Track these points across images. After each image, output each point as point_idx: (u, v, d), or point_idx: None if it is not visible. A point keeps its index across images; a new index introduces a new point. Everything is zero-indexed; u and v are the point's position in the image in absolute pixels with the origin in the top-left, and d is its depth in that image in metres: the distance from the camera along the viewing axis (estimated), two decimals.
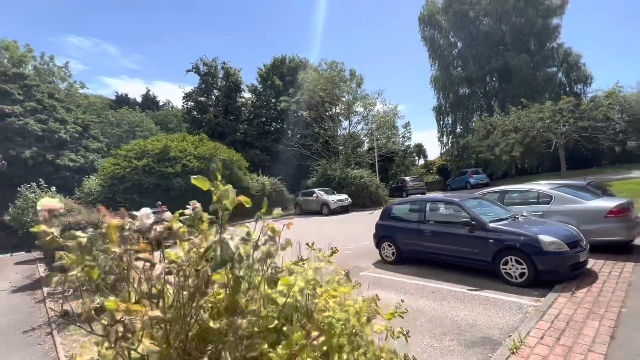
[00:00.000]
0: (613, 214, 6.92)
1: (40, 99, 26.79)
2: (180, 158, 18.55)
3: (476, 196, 7.73)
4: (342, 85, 27.97)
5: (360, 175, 23.04)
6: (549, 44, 29.79)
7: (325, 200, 21.01)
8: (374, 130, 28.68)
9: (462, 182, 28.21)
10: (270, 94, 35.79)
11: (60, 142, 26.43)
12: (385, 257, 8.08)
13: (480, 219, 6.30)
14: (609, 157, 28.71)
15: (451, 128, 33.56)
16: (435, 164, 40.03)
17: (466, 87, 31.83)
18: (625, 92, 27.09)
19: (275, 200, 24.88)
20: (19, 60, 32.03)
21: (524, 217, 6.74)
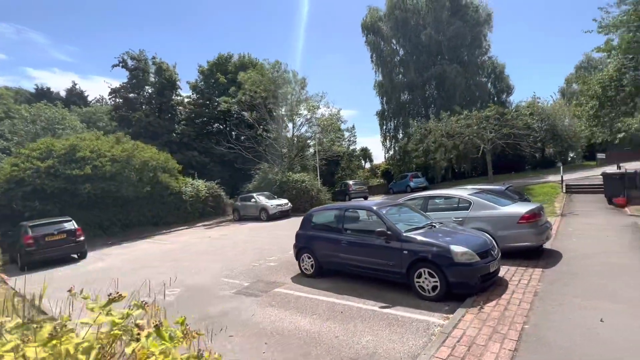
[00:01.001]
0: (525, 220, 6.96)
1: None
2: (91, 159, 16.34)
3: (397, 203, 7.40)
4: (285, 86, 27.23)
5: (302, 179, 22.43)
6: (479, 56, 31.92)
7: (263, 205, 20.03)
8: (317, 133, 28.30)
9: (402, 186, 28.90)
10: (213, 93, 33.88)
11: None
12: (305, 270, 7.42)
13: (395, 228, 5.89)
14: (531, 162, 31.37)
15: (393, 133, 34.47)
16: (380, 168, 40.90)
17: (407, 93, 32.94)
18: (543, 103, 29.85)
19: (212, 206, 23.35)
20: None
21: (441, 225, 6.48)
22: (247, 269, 8.67)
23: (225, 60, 34.65)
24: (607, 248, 7.61)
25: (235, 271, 8.55)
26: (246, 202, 21.28)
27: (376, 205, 6.62)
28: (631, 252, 7.12)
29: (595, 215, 12.16)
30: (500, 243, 7.10)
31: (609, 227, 10.01)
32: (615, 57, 18.14)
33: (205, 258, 10.69)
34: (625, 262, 6.51)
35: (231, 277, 8.00)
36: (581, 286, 5.37)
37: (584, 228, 10.01)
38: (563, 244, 8.29)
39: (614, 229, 9.60)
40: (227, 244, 13.13)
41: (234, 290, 7.01)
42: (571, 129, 28.27)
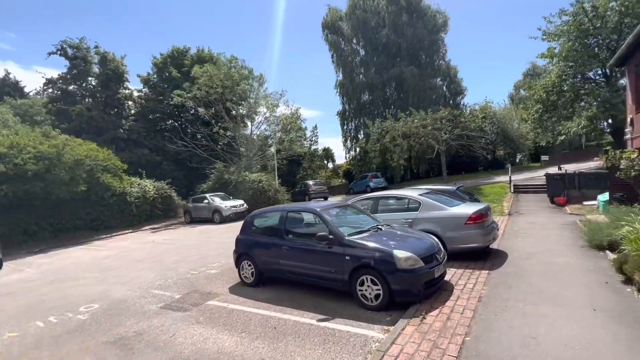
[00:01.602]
0: (472, 221, 6.82)
1: None
2: (9, 157, 14.41)
3: (344, 204, 6.97)
4: (242, 83, 26.19)
5: (259, 179, 21.59)
6: (435, 59, 32.89)
7: (217, 206, 18.97)
8: (277, 132, 27.59)
9: (362, 186, 28.94)
10: (167, 87, 31.89)
11: None
12: (245, 279, 6.77)
13: (337, 232, 5.42)
14: (483, 163, 32.84)
15: (354, 133, 34.53)
16: (342, 168, 40.91)
17: (368, 93, 33.13)
18: (495, 107, 31.36)
19: (161, 208, 21.81)
20: None
21: (388, 227, 6.13)
22: (184, 278, 7.84)
23: (181, 54, 32.78)
24: (549, 247, 7.72)
25: (169, 281, 7.69)
26: (198, 203, 20.08)
27: (320, 207, 6.13)
28: (571, 251, 7.24)
29: (539, 214, 12.62)
30: (448, 244, 6.93)
31: (551, 225, 10.34)
32: (557, 64, 19.24)
33: (140, 266, 9.65)
34: (565, 260, 6.56)
35: (163, 288, 7.15)
36: (525, 289, 5.22)
37: (528, 227, 10.25)
38: (509, 243, 8.34)
39: (555, 228, 9.91)
40: (170, 249, 12.08)
41: (161, 304, 6.20)
42: (519, 132, 29.93)
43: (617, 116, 16.25)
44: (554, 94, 19.09)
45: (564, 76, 18.83)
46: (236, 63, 29.18)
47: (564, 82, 18.92)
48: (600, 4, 16.70)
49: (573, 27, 17.45)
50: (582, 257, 6.75)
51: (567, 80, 18.93)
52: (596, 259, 6.58)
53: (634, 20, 15.81)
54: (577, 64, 18.07)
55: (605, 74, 18.66)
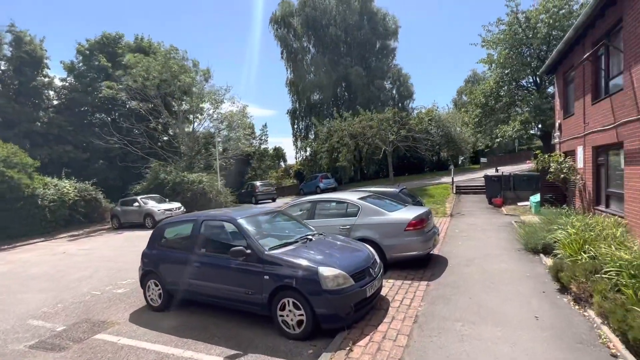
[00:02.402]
0: (412, 227, 6.34)
1: None
2: None
3: (271, 211, 6.11)
4: (184, 76, 24.20)
5: (199, 180, 19.94)
6: (386, 62, 33.39)
7: (149, 210, 17.08)
8: (220, 129, 25.98)
9: (312, 187, 28.33)
10: (96, 77, 28.57)
11: None
12: (151, 302, 5.63)
13: (256, 245, 4.56)
14: (429, 164, 33.99)
15: (305, 133, 33.87)
16: (293, 169, 40.06)
17: (319, 92, 32.66)
18: (440, 111, 32.55)
19: (83, 212, 19.24)
20: None
21: (321, 237, 5.40)
22: (80, 301, 6.46)
23: (113, 41, 29.61)
24: (488, 251, 7.55)
25: (59, 306, 6.27)
26: (127, 206, 17.98)
27: (241, 215, 5.20)
28: (508, 256, 7.09)
29: (478, 215, 12.83)
30: (387, 253, 6.40)
31: (489, 227, 10.41)
32: (495, 70, 20.13)
33: (32, 286, 7.95)
34: (504, 267, 6.33)
35: (46, 317, 5.74)
36: (463, 304, 4.77)
37: (469, 229, 10.22)
38: (450, 248, 8.08)
39: (493, 229, 9.96)
40: (81, 262, 10.33)
41: (34, 340, 4.86)
42: (461, 135, 31.37)
43: (545, 121, 17.34)
44: (492, 99, 19.99)
45: (500, 82, 19.79)
46: (177, 54, 27.02)
47: (501, 88, 19.90)
48: (532, 16, 17.71)
49: (508, 36, 18.35)
50: (519, 262, 6.59)
51: (504, 86, 19.93)
52: (532, 264, 6.44)
53: (560, 33, 16.96)
54: (512, 71, 19.07)
55: (536, 82, 19.93)
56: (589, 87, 9.35)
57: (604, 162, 8.63)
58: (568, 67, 11.31)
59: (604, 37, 8.26)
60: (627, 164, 6.99)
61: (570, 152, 10.97)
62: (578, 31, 8.94)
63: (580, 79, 9.96)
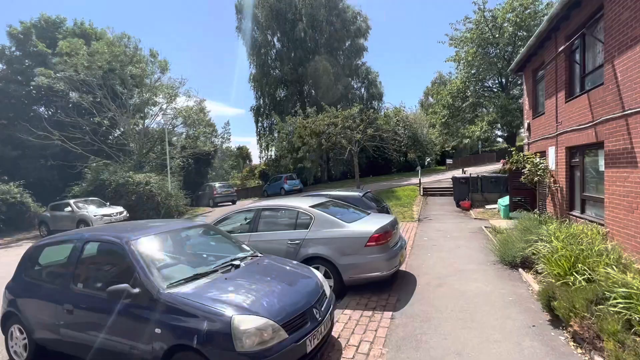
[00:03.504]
0: (374, 241, 5.16)
1: None
2: None
3: (196, 225, 4.66)
4: (132, 66, 21.90)
5: (146, 181, 17.84)
6: (355, 61, 32.54)
7: (83, 215, 14.89)
8: (175, 125, 23.86)
9: (277, 188, 26.87)
10: (31, 64, 25.32)
11: None
12: (14, 356, 4.03)
13: (148, 279, 3.15)
14: (397, 166, 33.59)
15: (269, 131, 32.26)
16: (257, 169, 38.31)
17: (284, 89, 31.16)
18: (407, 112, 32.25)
19: (4, 218, 16.58)
20: None
21: (254, 260, 4.07)
22: None
23: (52, 25, 26.46)
24: (461, 265, 6.57)
25: None
26: (58, 211, 15.69)
27: (140, 232, 3.75)
28: (484, 272, 6.13)
29: (446, 220, 12.05)
30: (344, 274, 5.19)
31: (459, 233, 9.57)
32: (461, 70, 19.76)
33: None
34: (480, 288, 5.33)
35: None
36: (438, 351, 3.63)
37: (438, 237, 9.30)
38: (418, 261, 7.04)
39: (464, 237, 9.11)
40: None
41: None
42: (428, 136, 31.22)
43: (512, 122, 17.10)
44: (459, 99, 19.61)
45: (467, 82, 19.43)
46: (129, 41, 24.56)
47: (467, 88, 19.55)
48: (499, 15, 17.42)
49: (475, 35, 17.98)
50: (498, 281, 5.62)
51: (470, 86, 19.60)
52: (512, 283, 5.49)
53: (525, 33, 16.77)
54: (479, 71, 18.74)
55: (501, 82, 19.78)
56: (562, 84, 8.72)
57: (579, 164, 7.98)
58: (538, 64, 10.76)
59: (581, 28, 7.60)
60: (608, 166, 6.26)
61: (541, 153, 10.42)
62: (552, 22, 8.24)
63: (552, 75, 9.35)
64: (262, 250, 5.54)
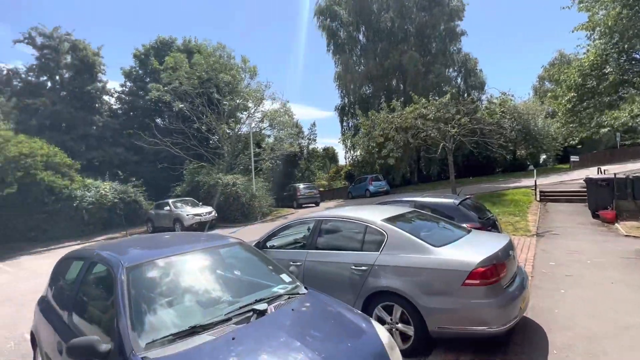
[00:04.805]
0: (478, 278, 3.41)
1: None
2: None
3: (224, 243, 3.59)
4: (224, 73, 23.21)
5: (233, 182, 18.47)
6: (449, 48, 29.03)
7: (178, 215, 16.01)
8: (262, 128, 24.54)
9: (361, 190, 25.56)
10: (149, 81, 29.33)
11: None
12: None
13: (125, 329, 2.16)
14: (502, 164, 28.80)
15: (355, 130, 31.03)
16: (344, 170, 37.54)
17: (369, 85, 29.58)
18: (515, 102, 27.30)
19: (123, 214, 19.00)
20: None
21: (299, 300, 2.82)
22: None
23: (165, 45, 30.17)
24: (623, 316, 4.22)
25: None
26: (160, 210, 17.25)
27: (142, 251, 2.85)
28: None
29: (580, 236, 8.99)
30: (430, 322, 3.56)
31: (605, 258, 6.76)
32: (596, 41, 15.34)
33: None
34: None
35: None
36: None
37: (570, 261, 6.71)
38: (546, 302, 4.86)
39: (614, 264, 6.34)
40: None
41: None
42: (545, 129, 25.87)
43: None
44: (593, 77, 15.19)
45: (606, 55, 14.90)
46: (223, 51, 26.29)
47: (606, 62, 15.00)
48: None
49: None
50: None
51: (610, 60, 14.99)
52: None
53: None
54: (624, 39, 14.14)
55: None
56: None
57: None
58: None
59: None
60: None
61: None
62: None
63: None
64: (320, 276, 4.30)
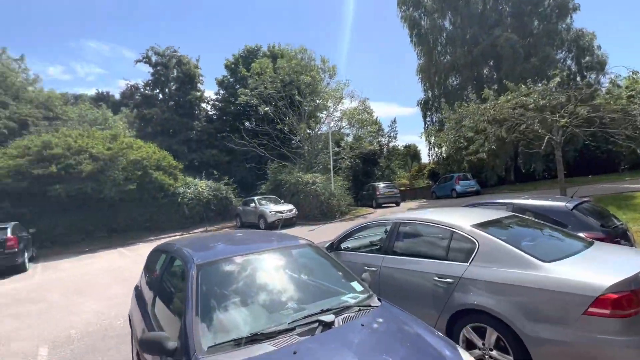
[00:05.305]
0: (608, 307, 2.61)
1: None
2: (64, 157, 14.77)
3: (292, 244, 3.42)
4: (304, 75, 23.82)
5: (312, 181, 18.83)
6: (559, 25, 24.79)
7: (262, 211, 16.96)
8: (341, 127, 24.49)
9: (447, 190, 23.70)
10: (238, 88, 31.96)
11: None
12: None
13: (191, 329, 2.13)
14: (629, 160, 23.60)
15: (439, 126, 28.87)
16: (427, 168, 35.43)
17: (456, 76, 27.12)
18: None
19: (216, 210, 20.97)
20: None
21: (371, 314, 2.51)
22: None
23: (252, 53, 32.44)
24: None
25: (96, 326, 5.47)
26: (246, 206, 18.52)
27: (215, 249, 2.85)
28: None
29: None
30: (538, 357, 2.86)
31: None
32: None
33: (108, 292, 7.82)
34: None
35: (56, 347, 4.87)
36: None
37: None
38: None
39: None
40: None
41: None
42: None
43: None
44: None
45: None
46: (305, 54, 27.06)
47: None
48: None
49: None
50: None
51: None
52: None
53: None
54: None
55: None
56: None
57: None
58: None
59: None
60: None
61: None
62: None
63: None
64: (397, 285, 3.90)
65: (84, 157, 15.24)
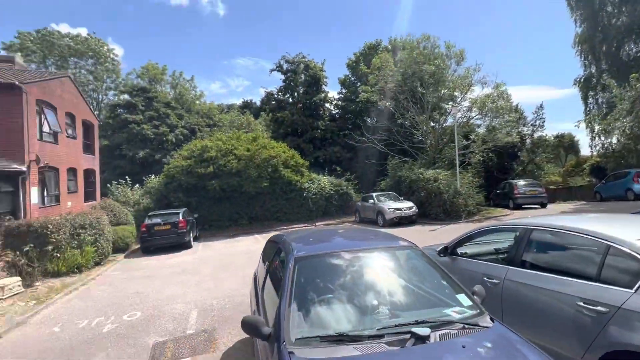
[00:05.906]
0: None
1: (157, 107, 31.48)
2: (216, 159, 18.16)
3: (393, 245, 3.17)
4: (430, 65, 22.32)
5: (435, 177, 17.55)
6: None
7: (380, 208, 16.82)
8: (472, 118, 21.96)
9: (618, 190, 18.49)
10: (359, 85, 32.56)
11: (169, 144, 30.40)
12: None
13: (282, 318, 2.24)
14: None
15: (607, 109, 22.64)
16: (587, 163, 28.51)
17: (632, 43, 20.57)
18: None
19: (337, 204, 21.89)
20: (154, 77, 39.01)
21: (477, 337, 2.15)
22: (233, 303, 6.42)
23: (372, 49, 32.46)
24: None
25: (211, 302, 6.53)
26: (365, 202, 18.71)
27: (314, 244, 2.92)
28: None
29: None
30: None
31: None
32: None
33: (224, 274, 9.11)
34: None
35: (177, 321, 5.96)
36: None
37: None
38: None
39: None
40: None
41: (163, 337, 4.97)
42: None
43: None
44: None
45: None
46: (428, 41, 25.39)
47: None
48: None
49: None
50: None
51: None
52: None
53: None
54: None
55: None
56: None
57: None
58: None
59: None
60: None
61: None
62: None
63: None
64: (525, 305, 3.28)
65: (231, 158, 18.26)
